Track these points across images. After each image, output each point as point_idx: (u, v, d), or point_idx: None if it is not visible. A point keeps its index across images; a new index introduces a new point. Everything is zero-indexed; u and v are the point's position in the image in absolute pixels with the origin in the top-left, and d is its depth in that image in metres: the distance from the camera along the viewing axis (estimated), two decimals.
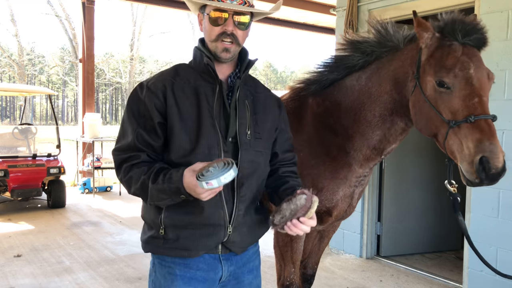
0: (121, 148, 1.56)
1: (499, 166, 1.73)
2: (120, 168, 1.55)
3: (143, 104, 1.54)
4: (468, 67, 1.82)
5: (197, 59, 1.63)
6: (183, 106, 1.53)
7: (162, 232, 1.54)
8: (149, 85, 1.56)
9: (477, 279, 3.71)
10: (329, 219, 2.31)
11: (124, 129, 1.57)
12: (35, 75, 48.12)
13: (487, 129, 1.77)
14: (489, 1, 3.57)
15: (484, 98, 1.81)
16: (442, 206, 5.00)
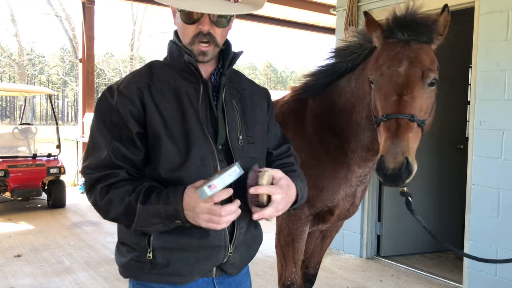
0: (93, 165, 1.30)
1: (391, 167, 1.65)
2: (93, 189, 1.29)
3: (115, 111, 1.30)
4: (395, 65, 1.80)
5: (174, 55, 1.40)
6: (165, 112, 1.31)
7: (150, 256, 1.30)
8: (121, 89, 1.32)
9: (477, 279, 3.71)
10: (331, 218, 2.31)
11: (95, 142, 1.31)
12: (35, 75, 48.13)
13: (393, 128, 1.72)
14: (489, 1, 3.57)
15: (405, 97, 1.76)
16: (442, 206, 5.00)
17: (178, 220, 1.21)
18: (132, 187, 1.26)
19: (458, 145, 5.02)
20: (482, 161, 3.66)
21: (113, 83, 1.39)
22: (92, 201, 1.32)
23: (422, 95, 1.78)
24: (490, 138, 3.60)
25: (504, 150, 3.52)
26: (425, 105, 1.79)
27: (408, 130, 1.71)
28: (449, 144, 4.99)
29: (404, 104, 1.75)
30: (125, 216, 1.26)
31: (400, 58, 1.82)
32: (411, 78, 1.78)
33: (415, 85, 1.78)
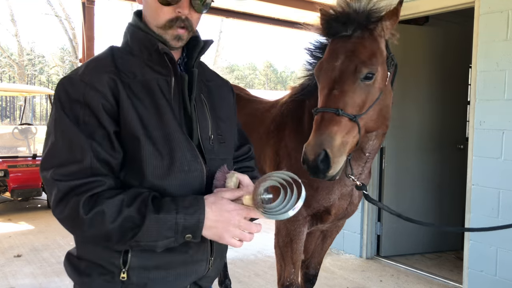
0: (70, 171, 1.05)
1: (309, 159, 1.69)
2: (67, 200, 1.04)
3: (85, 107, 1.09)
4: (332, 59, 1.83)
5: (140, 42, 1.20)
6: (140, 108, 1.13)
7: (124, 277, 1.11)
8: (87, 81, 1.10)
9: (477, 279, 3.71)
10: (329, 218, 2.31)
11: (68, 142, 1.07)
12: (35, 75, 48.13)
13: (318, 122, 1.75)
14: (489, 1, 3.57)
15: (334, 91, 1.77)
16: (442, 206, 5.00)
17: (190, 235, 1.07)
18: (129, 197, 1.06)
19: (458, 145, 5.02)
20: (482, 161, 3.65)
21: (70, 73, 1.17)
22: (66, 215, 1.05)
23: (354, 89, 1.77)
24: (490, 138, 3.60)
25: (504, 150, 3.52)
26: (359, 99, 1.78)
27: (331, 123, 1.71)
28: (449, 144, 4.99)
29: (332, 98, 1.76)
30: (120, 232, 1.04)
31: (337, 52, 1.83)
32: (343, 71, 1.79)
33: (346, 79, 1.78)
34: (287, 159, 2.36)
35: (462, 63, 4.95)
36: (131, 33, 1.24)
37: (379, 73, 1.83)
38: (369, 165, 2.27)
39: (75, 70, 1.18)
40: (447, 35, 4.93)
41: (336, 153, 1.70)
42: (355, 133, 1.76)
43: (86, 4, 9.47)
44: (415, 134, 4.84)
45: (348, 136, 1.74)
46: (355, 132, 1.76)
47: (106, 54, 1.21)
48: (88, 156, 1.07)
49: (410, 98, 4.77)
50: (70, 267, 1.20)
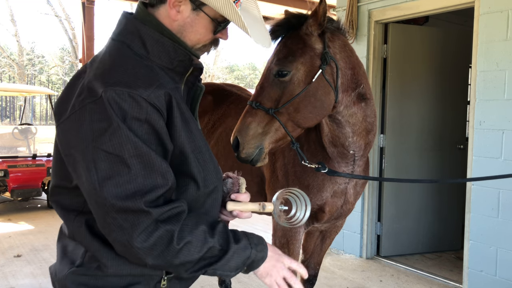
0: (154, 196, 1.02)
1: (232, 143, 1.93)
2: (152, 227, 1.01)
3: (147, 125, 1.04)
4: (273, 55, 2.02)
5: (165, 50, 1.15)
6: (185, 123, 1.13)
7: (165, 284, 1.16)
8: (149, 99, 1.04)
9: (477, 279, 3.71)
10: (324, 216, 2.31)
11: (144, 166, 1.01)
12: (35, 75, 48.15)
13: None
14: (489, 1, 3.57)
15: (257, 86, 1.99)
16: (442, 206, 5.00)
17: (248, 269, 1.17)
18: (208, 227, 1.09)
19: (458, 145, 5.02)
20: (482, 161, 3.66)
21: (115, 84, 1.03)
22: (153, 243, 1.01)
23: (270, 84, 1.94)
24: (490, 138, 3.60)
25: (504, 150, 3.52)
26: (275, 94, 1.93)
27: (247, 114, 1.93)
28: (449, 144, 4.99)
29: (255, 93, 1.97)
30: (199, 262, 1.07)
31: (276, 49, 2.03)
32: (266, 70, 2.00)
33: (265, 76, 1.97)
34: (281, 159, 2.37)
35: (462, 63, 4.96)
36: (151, 36, 1.15)
37: (299, 70, 1.92)
38: (361, 163, 2.26)
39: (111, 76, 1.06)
40: (447, 35, 4.93)
41: (250, 140, 1.90)
42: (276, 125, 1.91)
43: (86, 4, 9.47)
44: (415, 134, 4.84)
45: (267, 127, 1.91)
46: (276, 124, 1.91)
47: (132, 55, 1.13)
48: (171, 178, 1.06)
49: (410, 98, 4.77)
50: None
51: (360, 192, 2.42)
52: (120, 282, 1.12)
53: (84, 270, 1.11)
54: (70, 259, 1.14)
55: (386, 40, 4.68)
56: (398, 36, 4.70)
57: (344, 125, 2.09)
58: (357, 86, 2.06)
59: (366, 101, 2.12)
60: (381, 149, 4.76)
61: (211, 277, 4.12)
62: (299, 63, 1.92)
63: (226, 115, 2.99)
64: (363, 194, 4.69)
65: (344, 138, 2.12)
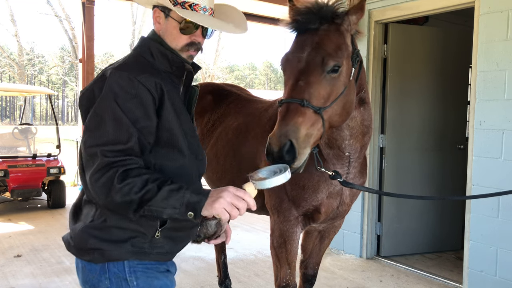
0: (114, 148, 1.33)
1: (273, 150, 1.65)
2: (106, 170, 1.31)
3: (137, 101, 1.38)
4: (298, 51, 1.82)
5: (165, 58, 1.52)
6: (175, 109, 1.47)
7: (158, 235, 1.46)
8: (142, 80, 1.40)
9: (477, 279, 3.71)
10: (320, 217, 2.31)
11: (117, 123, 1.35)
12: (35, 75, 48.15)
13: (282, 113, 1.72)
14: (489, 1, 3.57)
15: (300, 82, 1.75)
16: (442, 206, 5.00)
17: (192, 212, 1.29)
18: (153, 177, 1.32)
19: (458, 145, 5.02)
20: (482, 161, 3.66)
21: (118, 68, 1.42)
22: (102, 182, 1.30)
23: (320, 80, 1.76)
24: (490, 138, 3.60)
25: (504, 150, 3.52)
26: (324, 91, 1.76)
27: (296, 114, 1.69)
28: (449, 144, 4.99)
29: (298, 89, 1.74)
30: (140, 202, 1.30)
31: (303, 44, 1.82)
32: (309, 63, 1.78)
33: (312, 70, 1.76)
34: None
35: (462, 63, 4.96)
36: (156, 48, 1.52)
37: (344, 67, 1.82)
38: (356, 165, 2.25)
39: (121, 66, 1.44)
40: (447, 35, 4.93)
41: (301, 144, 1.67)
42: (319, 126, 1.74)
43: (86, 4, 9.46)
44: (415, 134, 4.84)
45: (312, 128, 1.72)
46: (319, 125, 1.74)
47: (143, 60, 1.50)
48: (133, 140, 1.35)
49: (410, 98, 4.77)
50: (97, 237, 1.42)
51: (357, 193, 2.41)
52: (122, 235, 1.42)
53: (95, 224, 1.43)
54: (84, 221, 1.46)
55: (386, 40, 4.68)
56: (398, 36, 4.70)
57: (343, 128, 2.07)
58: (360, 90, 2.04)
59: (365, 106, 2.11)
60: (381, 149, 4.76)
61: (211, 277, 4.12)
62: (344, 59, 1.82)
63: (226, 115, 2.99)
64: (363, 194, 4.69)
65: (341, 140, 2.10)
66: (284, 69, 1.87)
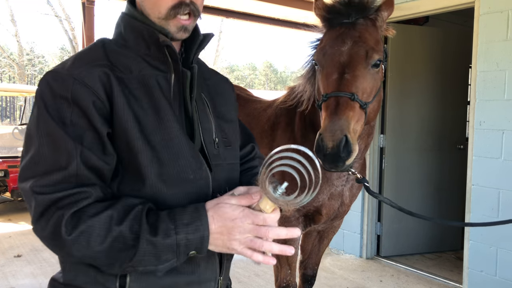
0: (51, 181, 0.89)
1: (329, 146, 1.54)
2: (49, 215, 0.88)
3: (73, 106, 0.93)
4: (338, 44, 1.76)
5: (138, 34, 1.06)
6: (137, 108, 0.99)
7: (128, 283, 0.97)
8: (76, 75, 0.95)
9: (477, 279, 3.71)
10: (320, 218, 2.30)
11: (51, 146, 0.91)
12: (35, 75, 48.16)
13: (333, 106, 1.63)
14: (489, 1, 3.57)
15: (346, 75, 1.69)
16: (442, 206, 5.00)
17: (195, 251, 0.93)
18: (118, 212, 0.90)
19: (458, 145, 5.02)
20: (482, 161, 3.66)
21: (56, 66, 1.02)
22: (48, 233, 0.89)
23: (365, 75, 1.71)
24: (490, 138, 3.60)
25: (504, 150, 3.52)
26: (368, 86, 1.72)
27: (348, 108, 1.62)
28: (449, 144, 4.99)
29: (345, 82, 1.68)
30: (110, 255, 0.89)
31: (343, 37, 1.77)
32: (353, 56, 1.72)
33: (358, 64, 1.71)
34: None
35: (462, 63, 4.96)
36: (126, 23, 1.08)
37: (381, 62, 1.80)
38: (357, 166, 2.25)
39: (62, 63, 1.02)
40: (447, 35, 4.93)
41: (354, 139, 1.59)
42: (362, 121, 1.68)
43: (86, 4, 9.46)
44: (415, 134, 4.84)
45: (358, 124, 1.66)
46: (362, 120, 1.68)
47: (96, 46, 1.06)
48: (74, 162, 0.91)
49: (410, 98, 4.77)
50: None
51: (356, 194, 2.41)
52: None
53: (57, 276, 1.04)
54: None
55: (386, 40, 4.68)
56: (398, 36, 4.69)
57: None
58: None
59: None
60: (381, 149, 4.76)
61: None
62: (381, 55, 1.79)
63: None
64: (362, 194, 4.69)
65: None
66: (321, 62, 1.80)
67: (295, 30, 10.81)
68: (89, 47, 1.07)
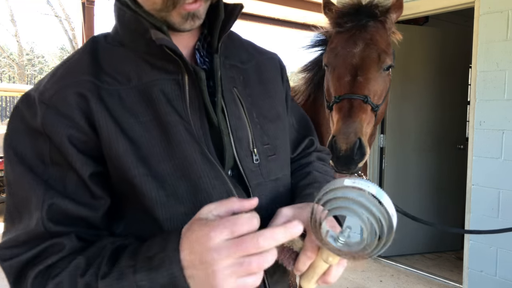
0: (19, 240, 0.72)
1: (343, 148, 1.54)
2: (23, 281, 0.70)
3: (44, 140, 0.73)
4: (350, 46, 1.76)
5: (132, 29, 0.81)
6: (134, 132, 0.75)
7: None
8: (47, 100, 0.74)
9: (477, 279, 3.71)
10: None
11: (16, 197, 0.74)
12: (35, 75, 48.19)
13: (346, 108, 1.64)
14: (489, 1, 3.57)
15: (359, 78, 1.69)
16: (442, 206, 5.00)
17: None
18: (87, 259, 0.70)
19: (458, 145, 5.02)
20: (482, 161, 3.66)
21: (34, 86, 0.80)
22: None
23: (377, 77, 1.72)
24: (490, 138, 3.60)
25: (504, 150, 3.52)
26: (379, 89, 1.72)
27: (361, 111, 1.63)
28: (449, 144, 4.99)
29: (358, 85, 1.68)
30: None
31: (355, 39, 1.77)
32: (366, 59, 1.73)
33: (370, 67, 1.72)
34: None
35: (462, 63, 4.96)
36: (117, 14, 0.84)
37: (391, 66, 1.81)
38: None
39: (39, 81, 0.81)
40: (447, 35, 4.93)
41: (366, 141, 1.60)
42: (372, 124, 1.69)
43: (86, 4, 9.46)
44: (415, 134, 4.84)
45: (369, 126, 1.67)
46: (372, 123, 1.69)
47: (84, 51, 0.83)
48: (42, 216, 0.71)
49: (410, 98, 4.77)
50: None
51: None
52: None
53: None
54: None
55: None
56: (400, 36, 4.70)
57: None
58: None
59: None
60: (381, 149, 4.76)
61: None
62: (392, 58, 1.81)
63: None
64: None
65: None
66: (334, 64, 1.79)
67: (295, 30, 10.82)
68: (75, 52, 0.85)
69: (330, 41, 1.89)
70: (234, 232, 0.59)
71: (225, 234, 0.59)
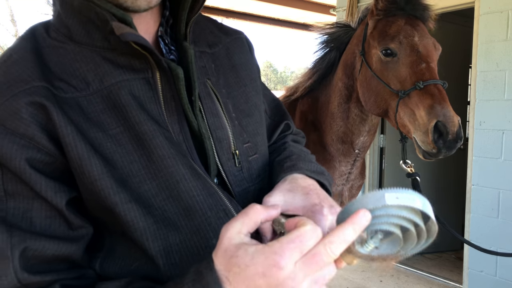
0: None
1: (455, 130, 1.60)
2: None
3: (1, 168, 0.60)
4: (413, 34, 1.79)
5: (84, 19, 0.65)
6: (105, 148, 0.62)
7: None
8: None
9: (477, 280, 3.71)
10: None
11: None
12: None
13: (437, 93, 1.69)
14: (489, 1, 3.57)
15: (431, 65, 1.75)
16: (442, 206, 5.00)
17: None
18: None
19: None
20: (482, 161, 3.66)
21: None
22: None
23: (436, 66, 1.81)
24: (490, 138, 3.60)
25: (504, 150, 3.52)
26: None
27: (446, 95, 1.71)
28: None
29: (434, 71, 1.74)
30: None
31: (421, 29, 1.83)
32: (431, 47, 1.80)
33: (434, 55, 1.81)
34: None
35: (462, 63, 4.95)
36: (72, 3, 0.65)
37: None
38: (358, 165, 2.26)
39: None
40: (447, 35, 4.93)
41: None
42: None
43: None
44: None
45: None
46: None
47: (24, 48, 0.65)
48: (11, 267, 0.57)
49: None
50: None
51: (355, 195, 2.43)
52: None
53: None
54: None
55: None
56: None
57: (366, 123, 2.09)
58: None
59: None
60: (381, 149, 4.76)
61: None
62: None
63: None
64: (362, 193, 4.68)
65: (358, 135, 2.10)
66: (402, 51, 1.80)
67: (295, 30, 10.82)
68: (12, 50, 0.65)
69: (381, 30, 1.85)
70: (304, 251, 0.50)
71: (296, 256, 0.49)
